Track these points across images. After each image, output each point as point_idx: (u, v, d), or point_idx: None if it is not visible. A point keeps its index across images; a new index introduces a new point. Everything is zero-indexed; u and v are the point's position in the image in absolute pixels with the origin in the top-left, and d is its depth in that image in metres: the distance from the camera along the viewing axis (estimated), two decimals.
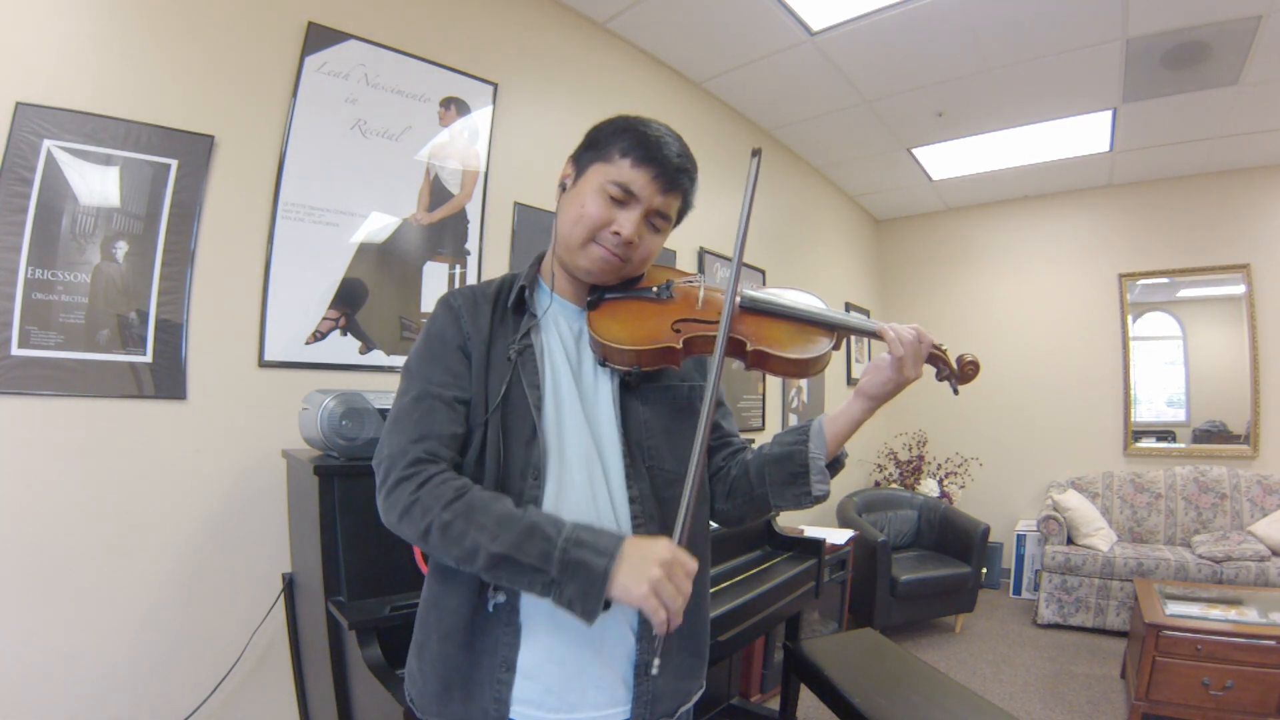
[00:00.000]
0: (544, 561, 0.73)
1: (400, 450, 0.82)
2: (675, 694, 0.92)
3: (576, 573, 0.73)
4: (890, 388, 0.92)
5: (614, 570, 0.72)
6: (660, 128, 0.91)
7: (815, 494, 0.93)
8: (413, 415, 0.85)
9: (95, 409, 1.59)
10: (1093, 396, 4.73)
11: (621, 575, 0.72)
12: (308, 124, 1.94)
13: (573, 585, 0.73)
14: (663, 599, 0.71)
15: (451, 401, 0.87)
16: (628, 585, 0.71)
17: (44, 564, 1.51)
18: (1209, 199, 4.45)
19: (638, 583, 0.71)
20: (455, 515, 0.77)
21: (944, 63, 3.17)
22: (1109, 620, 3.79)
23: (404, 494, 0.79)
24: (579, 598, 0.73)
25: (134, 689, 1.61)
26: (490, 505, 0.78)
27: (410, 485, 0.79)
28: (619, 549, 0.73)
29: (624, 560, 0.73)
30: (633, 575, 0.72)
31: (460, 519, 0.77)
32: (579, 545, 0.74)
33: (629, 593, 0.71)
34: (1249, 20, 2.70)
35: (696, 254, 3.40)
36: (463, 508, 0.77)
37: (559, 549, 0.73)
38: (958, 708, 1.79)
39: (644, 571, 0.71)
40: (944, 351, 0.95)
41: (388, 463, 0.83)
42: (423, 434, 0.84)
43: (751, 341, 0.90)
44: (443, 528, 0.77)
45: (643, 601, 0.71)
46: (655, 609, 0.71)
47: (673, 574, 0.72)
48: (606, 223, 0.89)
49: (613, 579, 0.72)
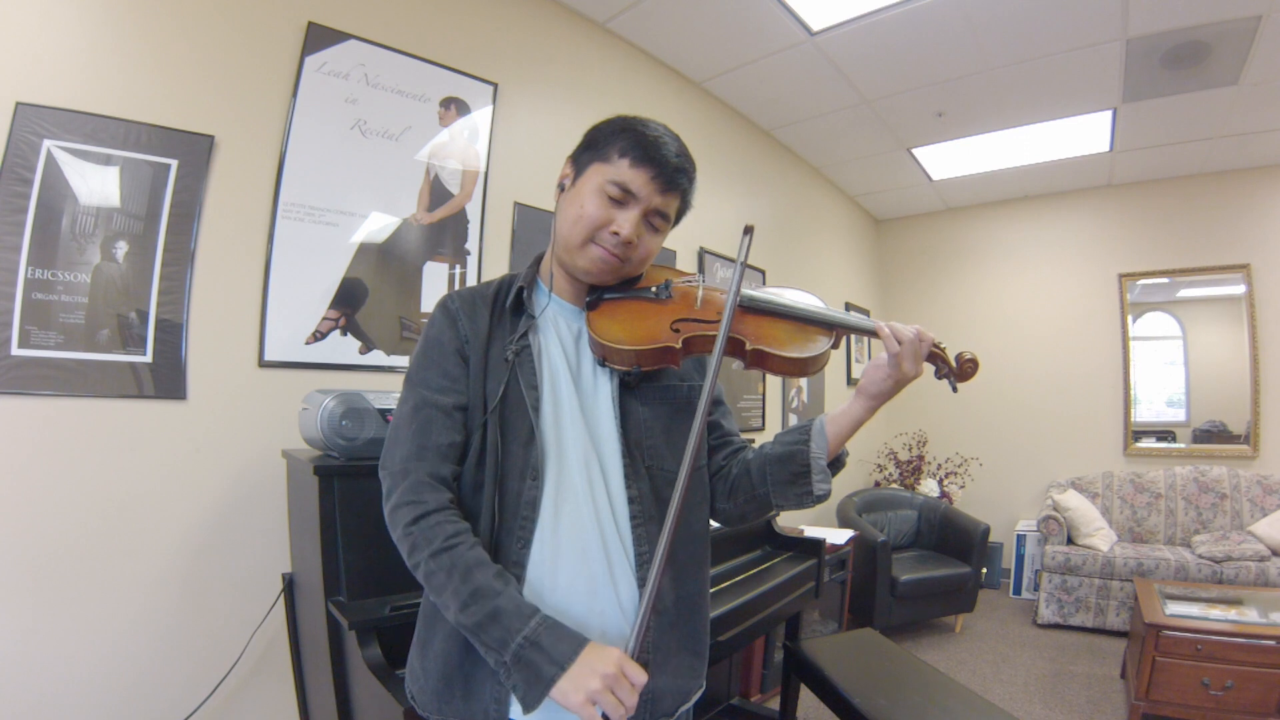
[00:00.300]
0: (499, 648, 0.78)
1: (402, 469, 0.86)
2: (675, 693, 0.92)
3: (525, 670, 0.77)
4: (890, 386, 0.92)
5: (559, 678, 0.76)
6: (658, 128, 0.91)
7: (817, 493, 0.94)
8: (411, 426, 0.88)
9: (95, 409, 1.59)
10: (1093, 396, 4.73)
11: (563, 682, 0.75)
12: (308, 124, 1.94)
13: (519, 677, 0.77)
14: (603, 707, 0.75)
15: (449, 409, 0.88)
16: (566, 691, 0.75)
17: (44, 564, 1.51)
18: (1209, 199, 4.45)
19: (576, 691, 0.75)
20: (438, 568, 0.81)
21: (944, 63, 3.17)
22: (1109, 620, 3.79)
23: (401, 521, 0.84)
24: (522, 689, 0.77)
25: (134, 689, 1.61)
26: (471, 572, 0.80)
27: (408, 515, 0.83)
28: (572, 659, 0.76)
29: (572, 669, 0.76)
30: (572, 684, 0.75)
31: (441, 574, 0.81)
32: (535, 647, 0.77)
33: (566, 699, 0.75)
34: (1249, 20, 2.70)
35: (696, 254, 3.40)
36: (446, 564, 0.81)
37: (515, 644, 0.77)
38: (958, 708, 1.79)
39: (584, 683, 0.75)
40: (943, 349, 0.95)
41: (391, 480, 0.87)
42: (422, 447, 0.86)
43: (750, 341, 0.90)
44: (426, 574, 0.82)
45: (578, 710, 0.75)
46: (590, 718, 0.75)
47: (616, 686, 0.75)
48: (605, 223, 0.89)
49: (556, 685, 0.76)
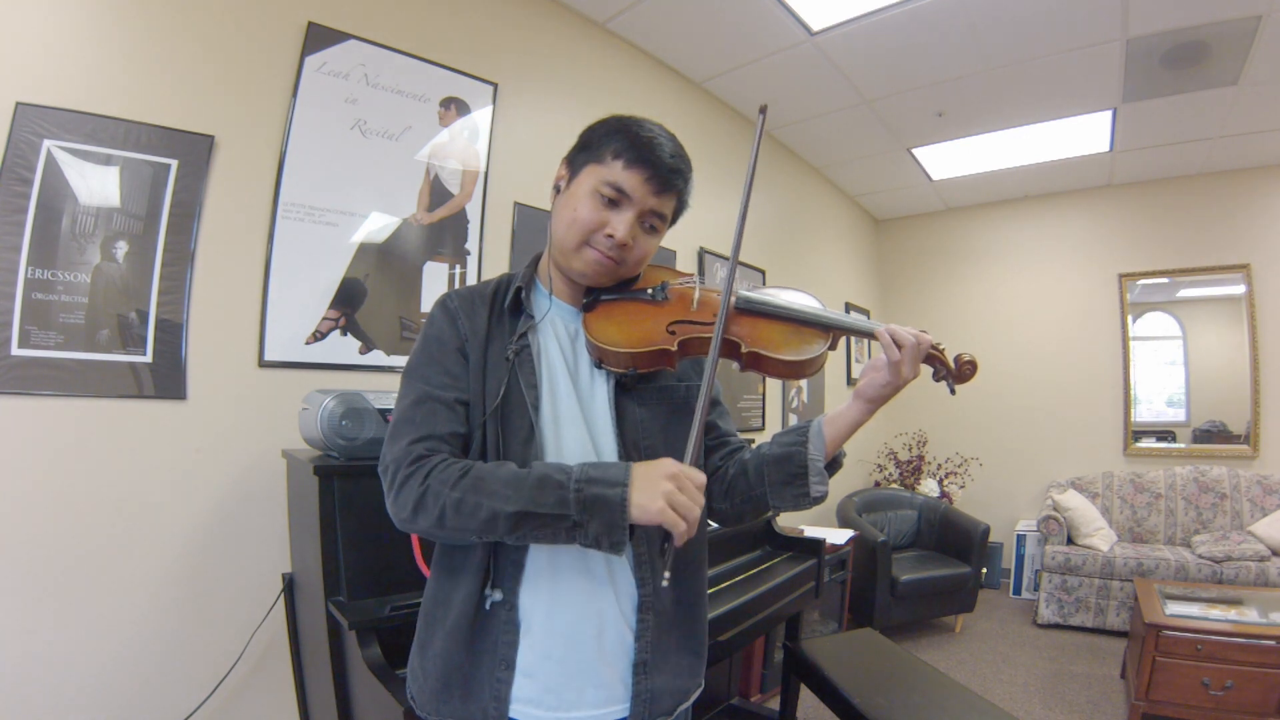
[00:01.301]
0: (562, 507, 0.76)
1: (402, 453, 0.83)
2: (674, 692, 0.92)
3: (596, 509, 0.75)
4: (888, 389, 0.91)
5: (628, 495, 0.75)
6: (654, 128, 0.91)
7: (814, 495, 0.93)
8: (413, 418, 0.86)
9: (95, 409, 1.59)
10: (1093, 396, 4.73)
11: (636, 496, 0.75)
12: (308, 124, 1.94)
13: (595, 522, 0.75)
14: (679, 511, 0.74)
15: (451, 403, 0.87)
16: (644, 504, 0.74)
17: (44, 564, 1.51)
18: (1209, 199, 4.45)
19: (653, 499, 0.74)
20: (464, 491, 0.78)
21: (944, 63, 3.17)
22: (1109, 620, 3.79)
23: (413, 488, 0.80)
24: (605, 533, 0.76)
25: (134, 689, 1.61)
26: (496, 471, 0.79)
27: (417, 478, 0.80)
28: (629, 475, 0.76)
29: (635, 484, 0.76)
30: (646, 493, 0.75)
31: (470, 493, 0.78)
32: (591, 483, 0.76)
33: (646, 511, 0.74)
34: (1249, 20, 2.70)
35: (696, 254, 3.40)
36: (470, 482, 0.78)
37: (573, 492, 0.76)
38: (958, 708, 1.79)
39: (656, 487, 0.75)
40: (941, 351, 0.94)
41: (393, 466, 0.84)
42: (424, 434, 0.84)
43: (746, 343, 0.90)
44: (455, 506, 0.78)
45: (660, 516, 0.74)
46: (674, 521, 0.74)
47: (683, 486, 0.75)
48: (600, 225, 0.88)
49: (630, 501, 0.75)
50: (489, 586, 0.85)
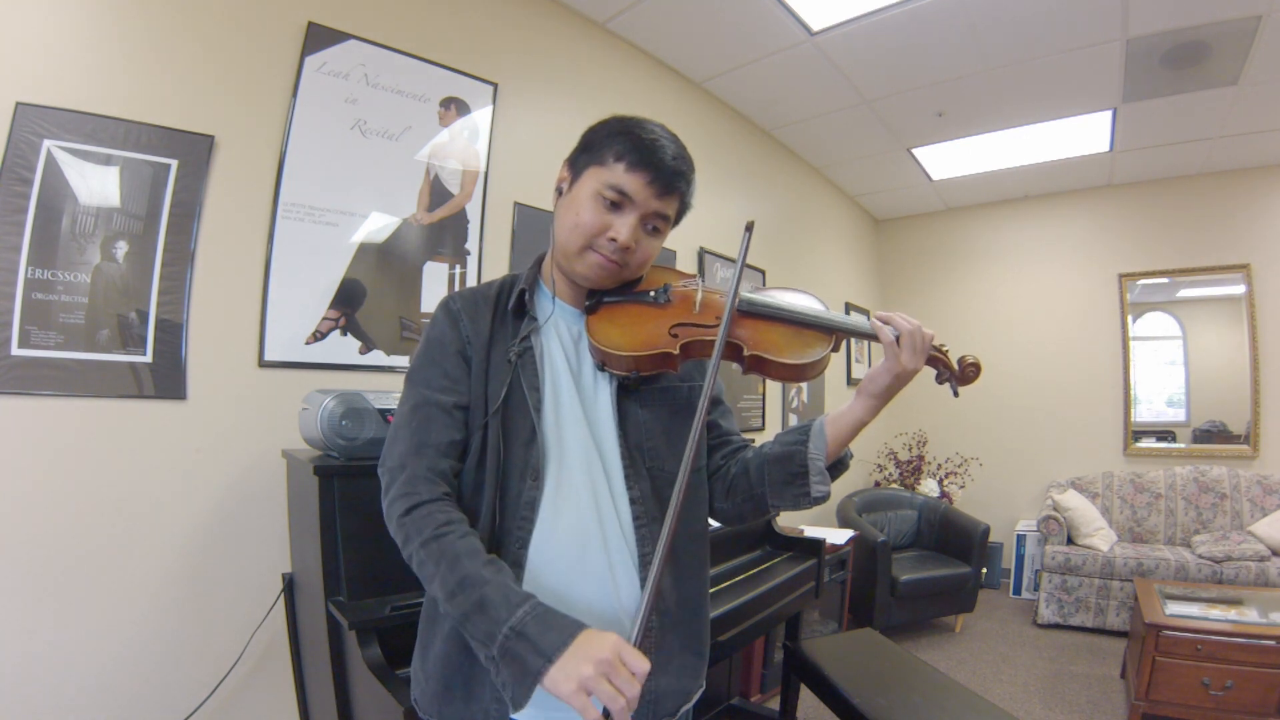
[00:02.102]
0: (487, 641, 0.75)
1: (400, 463, 0.86)
2: (676, 694, 0.92)
3: (511, 665, 0.73)
4: (888, 379, 0.89)
5: (547, 670, 0.71)
6: (656, 129, 0.90)
7: (814, 495, 0.92)
8: (411, 424, 0.88)
9: (95, 409, 1.59)
10: (1093, 396, 4.73)
11: (554, 670, 0.70)
12: (308, 124, 1.94)
13: (506, 673, 0.74)
14: (598, 696, 0.69)
15: (450, 408, 0.88)
16: (556, 680, 0.70)
17: (44, 564, 1.51)
18: (1209, 199, 4.45)
19: (566, 680, 0.69)
20: (427, 557, 0.80)
21: (944, 63, 3.17)
22: (1109, 620, 3.79)
23: (396, 513, 0.83)
24: (510, 685, 0.75)
25: (134, 689, 1.61)
26: (459, 560, 0.78)
27: (401, 507, 0.83)
28: (562, 649, 0.71)
29: (562, 658, 0.71)
30: (562, 673, 0.70)
31: (430, 563, 0.79)
32: (521, 639, 0.73)
33: (556, 688, 0.70)
34: (1249, 20, 2.70)
35: (696, 254, 3.40)
36: (435, 552, 0.79)
37: (502, 635, 0.73)
38: (958, 708, 1.79)
39: (575, 670, 0.69)
40: (945, 353, 0.93)
41: (389, 475, 0.86)
42: (421, 443, 0.86)
43: (748, 346, 0.89)
44: (418, 564, 0.81)
45: (570, 699, 0.69)
46: (582, 707, 0.69)
47: (613, 674, 0.69)
48: (602, 229, 0.88)
49: (545, 675, 0.71)
50: None
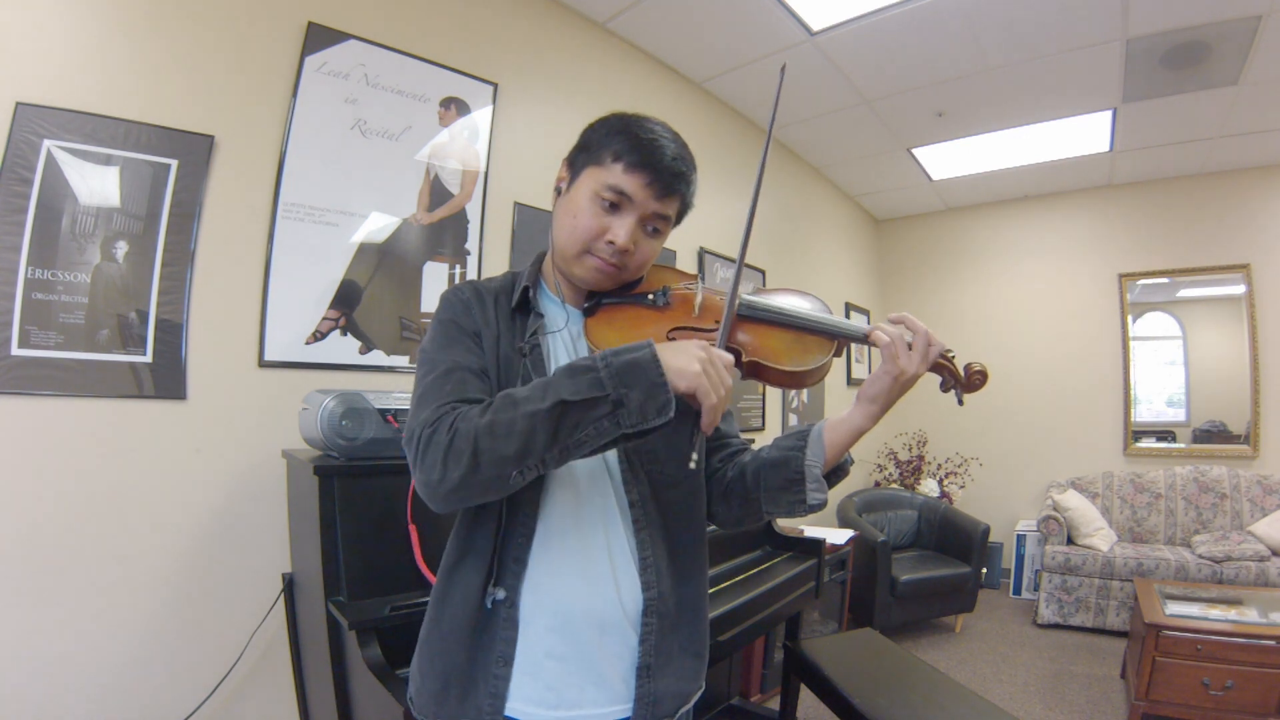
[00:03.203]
0: (597, 388, 0.71)
1: (431, 413, 0.77)
2: (676, 695, 0.92)
3: (632, 375, 0.71)
4: (888, 383, 0.86)
5: (657, 357, 0.72)
6: (656, 127, 0.88)
7: (810, 503, 0.90)
8: (444, 387, 0.80)
9: (95, 409, 1.59)
10: (1093, 396, 4.73)
11: (669, 359, 0.72)
12: (308, 124, 1.94)
13: (635, 392, 0.71)
14: (711, 381, 0.72)
15: (480, 372, 0.85)
16: (679, 367, 0.71)
17: (44, 564, 1.51)
18: (1209, 199, 4.45)
19: (688, 362, 0.71)
20: (494, 412, 0.73)
21: (944, 63, 3.17)
22: (1109, 620, 3.79)
23: (440, 439, 0.73)
24: (648, 399, 0.71)
25: (134, 689, 1.61)
26: (515, 391, 0.75)
27: (442, 429, 0.74)
28: (651, 345, 0.73)
29: (663, 351, 0.73)
30: (679, 357, 0.72)
31: (501, 411, 0.72)
32: (617, 354, 0.73)
33: (683, 374, 0.71)
34: (1249, 20, 2.70)
35: (696, 254, 3.40)
36: (499, 403, 0.74)
37: (602, 367, 0.72)
38: (958, 708, 1.79)
39: (690, 354, 0.72)
40: (951, 360, 0.90)
41: (418, 429, 0.76)
42: (455, 399, 0.79)
43: (747, 352, 0.87)
44: (489, 431, 0.72)
45: (696, 380, 0.71)
46: (708, 390, 0.71)
47: (713, 358, 0.73)
48: (601, 232, 0.87)
49: (665, 365, 0.71)
50: (492, 584, 0.84)
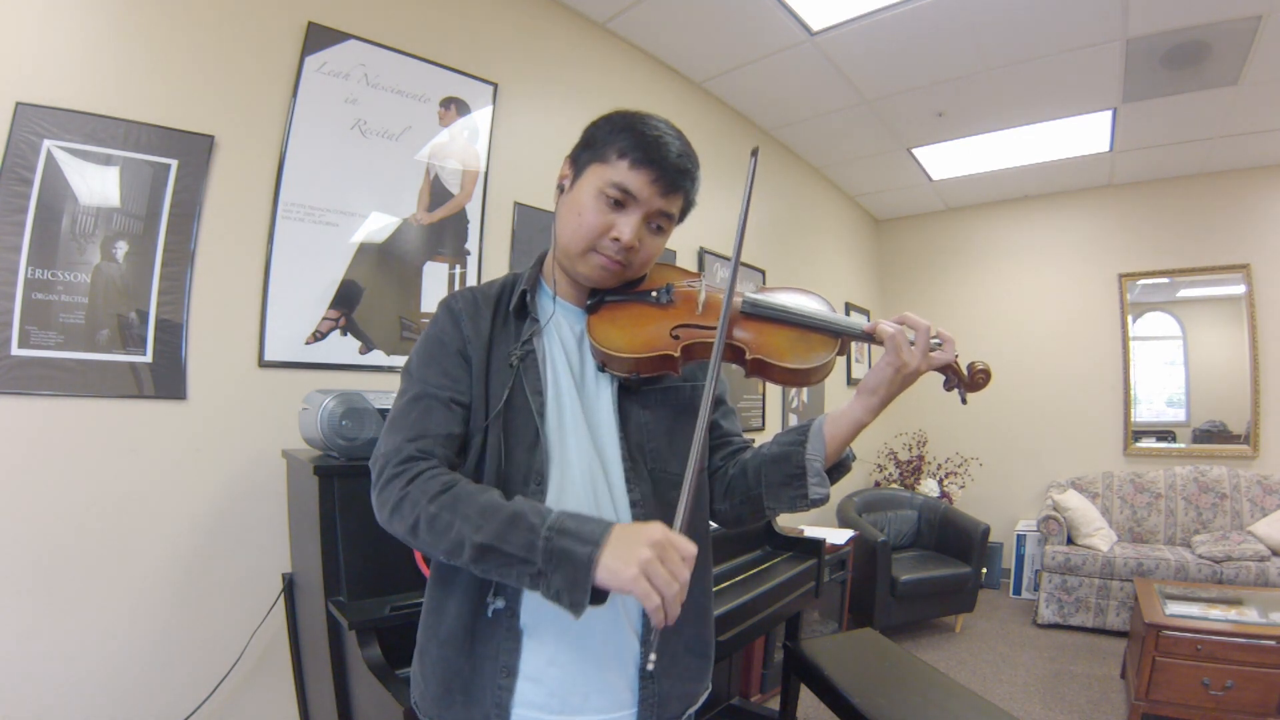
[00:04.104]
0: (528, 551, 0.70)
1: (394, 449, 0.82)
2: (681, 697, 0.91)
3: (561, 562, 0.69)
4: (889, 373, 0.85)
5: (598, 557, 0.68)
6: (660, 125, 0.88)
7: (812, 497, 0.89)
8: (409, 415, 0.85)
9: (95, 409, 1.59)
10: (1093, 396, 4.73)
11: (607, 558, 0.67)
12: (308, 124, 1.94)
13: (558, 576, 0.69)
14: (655, 583, 0.66)
15: (448, 402, 0.86)
16: (615, 568, 0.67)
17: (44, 564, 1.51)
18: (1209, 199, 4.45)
19: (626, 565, 0.66)
20: (441, 508, 0.75)
21: (944, 63, 3.17)
22: (1109, 620, 3.79)
23: (394, 490, 0.78)
24: (566, 589, 0.69)
25: (134, 689, 1.61)
26: (475, 496, 0.76)
27: (400, 481, 0.78)
28: (605, 535, 0.69)
29: (610, 545, 0.68)
30: (620, 558, 0.67)
31: (446, 510, 0.75)
32: (563, 534, 0.70)
33: (617, 576, 0.67)
34: (1249, 20, 2.70)
35: (697, 254, 3.40)
36: (449, 500, 0.76)
37: (543, 538, 0.70)
38: (958, 708, 1.79)
39: (632, 553, 0.67)
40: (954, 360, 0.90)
41: (381, 461, 0.82)
42: (419, 433, 0.83)
43: (751, 350, 0.88)
44: (430, 521, 0.75)
45: (632, 585, 0.66)
46: (646, 593, 0.66)
47: (665, 556, 0.67)
48: (605, 229, 0.87)
49: (598, 564, 0.67)
50: (491, 594, 0.84)
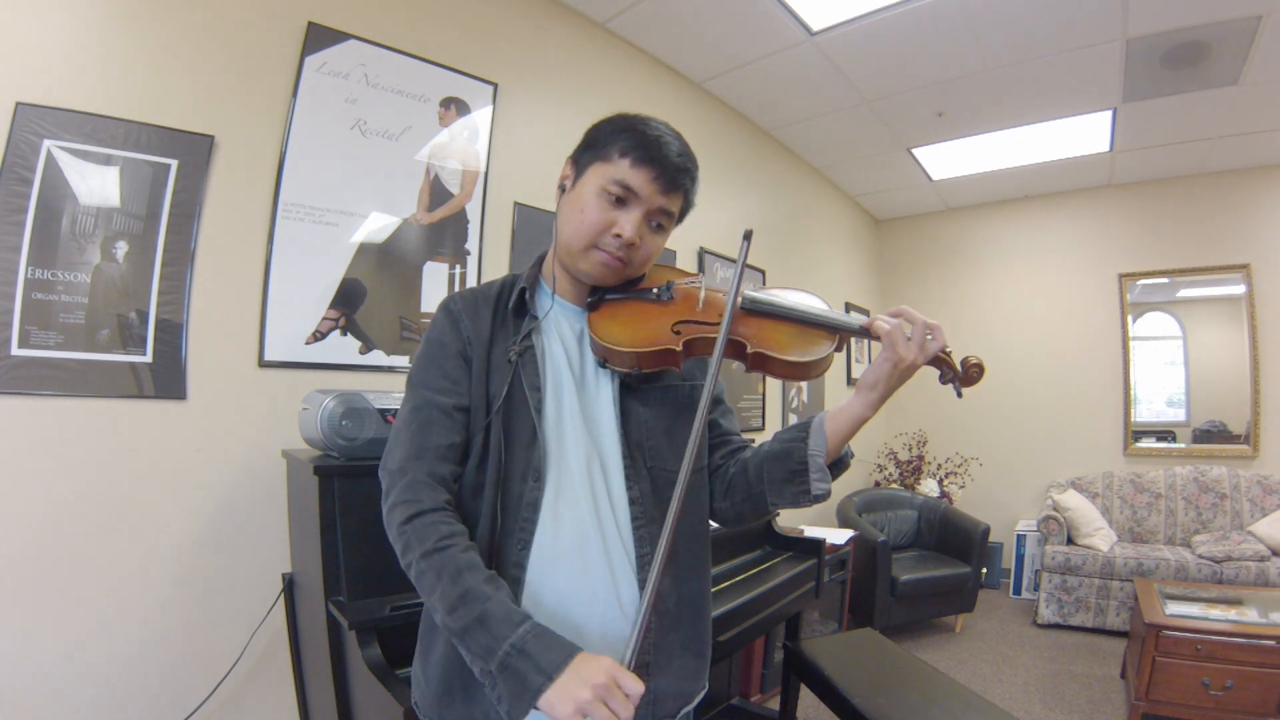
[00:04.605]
0: (486, 657, 0.75)
1: (400, 467, 0.86)
2: (677, 695, 0.92)
3: (511, 680, 0.73)
4: (887, 368, 0.87)
5: (547, 688, 0.72)
6: (660, 126, 0.90)
7: (814, 493, 0.91)
8: (411, 427, 0.88)
9: (95, 409, 1.59)
10: (1093, 396, 4.73)
11: (551, 693, 0.71)
12: (308, 124, 1.94)
13: (504, 688, 0.74)
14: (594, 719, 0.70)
15: (449, 410, 0.88)
16: (554, 703, 0.71)
17: (44, 564, 1.51)
18: (1209, 199, 4.45)
19: (564, 702, 0.70)
20: (428, 568, 0.79)
21: (944, 63, 3.17)
22: (1109, 620, 3.79)
23: (397, 520, 0.83)
24: (509, 700, 0.74)
25: (134, 689, 1.61)
26: (461, 575, 0.78)
27: (402, 515, 0.83)
28: (562, 668, 0.72)
29: (560, 679, 0.72)
30: (560, 695, 0.71)
31: (431, 574, 0.79)
32: (522, 655, 0.73)
33: (554, 710, 0.71)
34: (1249, 20, 2.70)
35: (697, 254, 3.40)
36: (436, 564, 0.79)
37: (502, 652, 0.74)
38: (958, 708, 1.79)
39: (573, 693, 0.70)
40: (948, 354, 0.92)
41: (389, 479, 0.86)
42: (421, 447, 0.86)
43: (752, 344, 0.89)
44: (417, 575, 0.80)
45: None
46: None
47: (609, 697, 0.70)
48: (607, 225, 0.88)
49: (544, 694, 0.72)
50: None
